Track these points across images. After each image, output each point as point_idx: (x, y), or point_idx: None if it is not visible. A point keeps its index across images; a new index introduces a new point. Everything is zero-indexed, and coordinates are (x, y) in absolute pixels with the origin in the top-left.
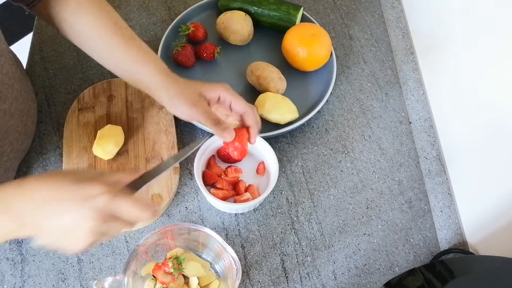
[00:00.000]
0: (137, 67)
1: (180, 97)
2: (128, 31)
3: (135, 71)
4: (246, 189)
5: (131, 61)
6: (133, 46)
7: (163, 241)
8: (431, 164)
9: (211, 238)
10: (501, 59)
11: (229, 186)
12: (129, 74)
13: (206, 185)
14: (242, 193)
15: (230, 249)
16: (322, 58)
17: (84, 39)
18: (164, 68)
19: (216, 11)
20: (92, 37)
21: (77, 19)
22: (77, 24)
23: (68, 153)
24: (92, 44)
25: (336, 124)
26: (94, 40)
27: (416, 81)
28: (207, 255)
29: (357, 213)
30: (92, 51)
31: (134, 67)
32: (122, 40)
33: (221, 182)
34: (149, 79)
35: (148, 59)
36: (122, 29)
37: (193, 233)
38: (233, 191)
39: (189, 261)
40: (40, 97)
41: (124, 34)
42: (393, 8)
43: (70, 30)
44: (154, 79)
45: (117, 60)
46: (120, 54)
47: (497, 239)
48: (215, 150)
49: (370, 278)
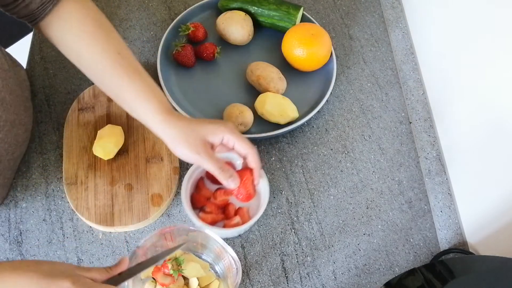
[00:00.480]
0: (138, 102)
1: (183, 142)
2: (132, 62)
3: (136, 107)
4: (236, 212)
5: (132, 95)
6: (136, 79)
7: (162, 243)
8: (431, 164)
9: (211, 239)
10: (501, 59)
11: (218, 210)
12: (130, 108)
13: (195, 209)
14: (231, 216)
15: (229, 249)
16: (322, 58)
17: (85, 65)
18: (166, 106)
19: (216, 11)
20: (94, 65)
21: (80, 45)
22: (80, 50)
23: (68, 153)
24: (93, 71)
25: (336, 124)
26: (97, 68)
27: (416, 81)
28: (207, 256)
29: (357, 213)
30: (92, 77)
31: (135, 102)
32: (125, 73)
33: (210, 206)
34: (150, 118)
35: (150, 95)
36: (125, 59)
37: (192, 233)
38: (222, 214)
39: (189, 262)
40: (40, 97)
41: (128, 66)
42: (393, 8)
43: (71, 54)
44: (155, 119)
45: (118, 91)
46: (121, 87)
47: (497, 239)
48: (203, 171)
49: (370, 278)
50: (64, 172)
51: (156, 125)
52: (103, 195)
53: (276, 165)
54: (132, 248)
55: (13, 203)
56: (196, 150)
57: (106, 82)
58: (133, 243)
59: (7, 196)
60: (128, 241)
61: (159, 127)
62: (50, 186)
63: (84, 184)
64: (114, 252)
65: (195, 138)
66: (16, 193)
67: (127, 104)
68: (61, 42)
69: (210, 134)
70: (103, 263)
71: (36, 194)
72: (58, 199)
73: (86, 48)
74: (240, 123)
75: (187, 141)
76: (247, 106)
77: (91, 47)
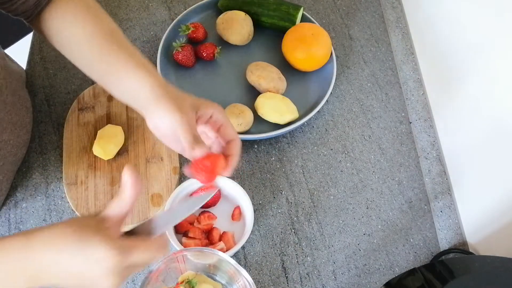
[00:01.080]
0: (127, 76)
1: (168, 99)
2: (124, 40)
3: (124, 76)
4: (221, 237)
5: (122, 68)
6: (127, 54)
7: (174, 265)
8: (431, 164)
9: (223, 261)
10: (502, 59)
11: (202, 235)
12: (118, 82)
13: (178, 233)
14: (216, 242)
15: (244, 271)
16: (322, 58)
17: (74, 47)
18: (159, 78)
19: (216, 11)
20: (83, 44)
21: (72, 29)
22: (71, 34)
23: (68, 153)
24: (83, 50)
25: (336, 124)
26: (85, 46)
27: (416, 81)
28: (221, 278)
29: (357, 213)
30: (81, 58)
31: (125, 75)
32: (116, 47)
33: (194, 231)
34: (140, 90)
35: (141, 66)
36: (117, 36)
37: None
38: (206, 240)
39: (201, 284)
40: (40, 97)
41: (119, 41)
42: (393, 8)
43: (64, 43)
44: (144, 89)
45: (106, 67)
46: (109, 62)
47: (497, 239)
48: (187, 195)
49: (370, 278)
50: (64, 172)
51: (144, 88)
52: (103, 195)
53: (276, 165)
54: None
55: (13, 203)
56: (179, 108)
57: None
58: None
59: (7, 196)
60: None
61: (147, 89)
62: (50, 186)
63: (84, 184)
64: None
65: (183, 99)
66: (16, 193)
67: (115, 78)
68: (55, 33)
69: (202, 106)
70: None
71: (36, 194)
72: (58, 199)
73: (78, 30)
74: (240, 123)
75: (172, 98)
76: (247, 106)
77: (85, 28)
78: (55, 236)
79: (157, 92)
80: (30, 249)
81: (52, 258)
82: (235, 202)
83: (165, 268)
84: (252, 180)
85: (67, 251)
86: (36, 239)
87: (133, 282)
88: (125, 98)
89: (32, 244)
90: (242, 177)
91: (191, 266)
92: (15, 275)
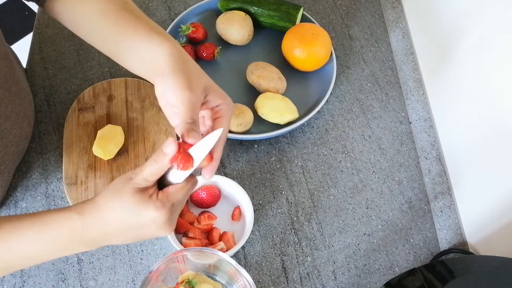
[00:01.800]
0: (144, 40)
1: (182, 71)
2: (138, 11)
3: (140, 45)
4: (221, 237)
5: (138, 35)
6: (142, 22)
7: (174, 265)
8: (431, 164)
9: (223, 261)
10: (502, 59)
11: (202, 235)
12: (132, 49)
13: (178, 234)
14: (216, 242)
15: (244, 271)
16: (322, 58)
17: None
18: (177, 45)
19: (216, 11)
20: (97, 17)
21: (84, 4)
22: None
23: (68, 153)
24: (96, 23)
25: (336, 124)
26: (99, 19)
27: (416, 81)
28: (221, 278)
29: (357, 213)
30: (95, 32)
31: (141, 40)
32: (130, 16)
33: (194, 231)
34: (158, 52)
35: (159, 33)
36: (131, 7)
37: (204, 256)
38: (206, 240)
39: (201, 284)
40: (40, 97)
41: (133, 12)
42: (393, 8)
43: (77, 22)
44: (164, 51)
45: (120, 36)
46: (125, 30)
47: (497, 239)
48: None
49: (370, 278)
50: (64, 172)
51: (163, 56)
52: None
53: (276, 165)
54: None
55: (13, 203)
56: (191, 86)
57: (110, 30)
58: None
59: (7, 196)
60: None
61: (167, 57)
62: (50, 186)
63: (84, 184)
64: (114, 252)
65: (198, 79)
66: (16, 193)
67: (130, 45)
68: (66, 11)
69: (214, 92)
70: (103, 263)
71: (36, 194)
72: (58, 199)
73: (90, 4)
74: (240, 123)
75: (189, 76)
76: (247, 106)
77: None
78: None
79: (173, 60)
80: (87, 220)
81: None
82: (235, 202)
83: (165, 268)
84: (252, 180)
85: (126, 218)
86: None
87: (133, 282)
88: (138, 67)
89: (100, 209)
90: (242, 177)
91: (191, 266)
92: (72, 245)
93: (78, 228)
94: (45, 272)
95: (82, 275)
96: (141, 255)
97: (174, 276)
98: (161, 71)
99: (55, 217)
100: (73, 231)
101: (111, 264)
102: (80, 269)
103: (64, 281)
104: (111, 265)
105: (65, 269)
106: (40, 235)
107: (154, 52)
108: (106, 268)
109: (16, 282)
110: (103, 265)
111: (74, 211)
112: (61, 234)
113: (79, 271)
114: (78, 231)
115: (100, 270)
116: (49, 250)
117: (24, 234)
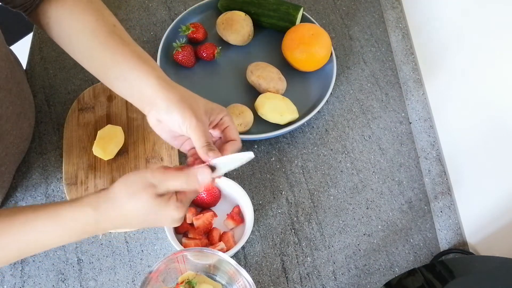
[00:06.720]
0: (131, 68)
1: (184, 105)
2: (126, 36)
3: (127, 73)
4: (221, 237)
5: (126, 62)
6: (130, 49)
7: (174, 265)
8: (431, 164)
9: (223, 261)
10: (502, 59)
11: (202, 235)
12: (121, 77)
13: (178, 234)
14: (216, 242)
15: (244, 271)
16: (322, 58)
17: (74, 39)
18: (163, 74)
19: (216, 12)
20: (84, 35)
21: (72, 21)
22: (71, 26)
23: (68, 154)
24: (84, 41)
25: (336, 124)
26: (87, 38)
27: (416, 81)
28: (221, 278)
29: (357, 213)
30: (82, 50)
31: (129, 69)
32: (119, 41)
33: (193, 231)
34: (145, 83)
35: (145, 61)
36: (119, 31)
37: (204, 256)
38: (206, 240)
39: (201, 284)
40: (40, 97)
41: (122, 36)
42: (393, 8)
43: (63, 36)
44: (150, 82)
45: (109, 60)
46: (113, 54)
47: (497, 239)
48: None
49: (370, 278)
50: (64, 172)
51: (151, 89)
52: None
53: (276, 165)
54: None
55: (13, 203)
56: (196, 115)
57: (96, 52)
58: (132, 243)
59: (8, 197)
60: (128, 241)
61: (155, 90)
62: (50, 186)
63: (84, 184)
64: (114, 252)
65: (198, 105)
66: (16, 193)
67: (118, 75)
68: (54, 25)
69: (214, 110)
70: (102, 263)
71: (36, 194)
72: (58, 199)
73: (78, 22)
74: (240, 123)
75: (190, 105)
76: (247, 106)
77: (86, 17)
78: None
79: (163, 88)
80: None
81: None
82: (235, 202)
83: (165, 268)
84: (252, 180)
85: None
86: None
87: (133, 282)
88: (127, 93)
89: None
90: (242, 177)
91: (191, 266)
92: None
93: (92, 222)
94: (45, 272)
95: (82, 275)
96: (141, 255)
97: (174, 276)
98: (150, 102)
99: (69, 213)
100: (88, 224)
101: (111, 264)
102: (80, 269)
103: (64, 281)
104: (111, 265)
105: (65, 269)
106: (56, 227)
107: (142, 82)
108: (106, 268)
109: (16, 282)
110: (103, 265)
111: (89, 206)
112: (76, 227)
113: (79, 271)
114: (92, 225)
115: (100, 270)
116: (63, 240)
117: (39, 226)
